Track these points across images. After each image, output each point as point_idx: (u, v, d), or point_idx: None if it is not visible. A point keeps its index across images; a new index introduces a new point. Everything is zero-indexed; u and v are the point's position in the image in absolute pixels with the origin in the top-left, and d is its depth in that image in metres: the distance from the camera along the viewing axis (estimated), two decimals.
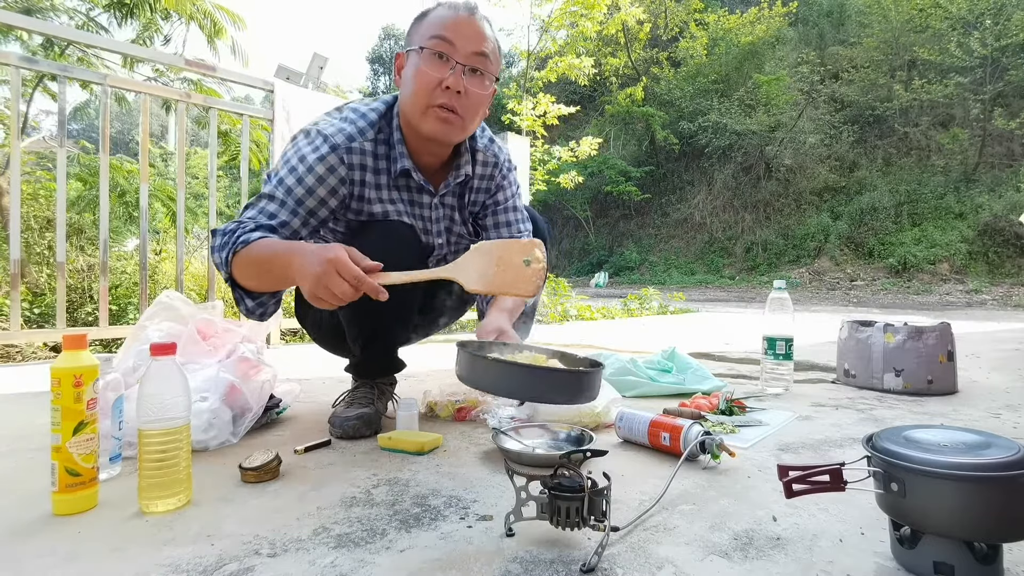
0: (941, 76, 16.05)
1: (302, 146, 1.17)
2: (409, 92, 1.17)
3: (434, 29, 1.14)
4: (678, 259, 18.64)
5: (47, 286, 3.62)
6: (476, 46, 1.15)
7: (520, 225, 1.45)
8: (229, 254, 1.07)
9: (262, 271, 1.06)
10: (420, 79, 1.14)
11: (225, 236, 1.09)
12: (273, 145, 2.86)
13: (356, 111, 1.23)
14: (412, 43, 1.18)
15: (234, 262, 1.07)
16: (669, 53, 21.91)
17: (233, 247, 1.06)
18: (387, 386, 1.45)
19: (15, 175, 2.24)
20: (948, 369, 1.83)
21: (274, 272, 1.04)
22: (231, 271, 1.09)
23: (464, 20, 1.15)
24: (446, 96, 1.14)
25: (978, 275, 12.81)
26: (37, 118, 11.30)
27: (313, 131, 1.19)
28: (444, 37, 1.13)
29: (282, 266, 1.01)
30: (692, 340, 3.41)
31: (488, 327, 1.27)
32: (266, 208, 1.14)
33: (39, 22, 3.46)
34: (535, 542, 0.77)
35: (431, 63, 1.14)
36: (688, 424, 1.13)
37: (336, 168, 1.17)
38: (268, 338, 2.87)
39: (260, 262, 1.05)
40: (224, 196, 8.84)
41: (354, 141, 1.18)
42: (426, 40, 1.14)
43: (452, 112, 1.16)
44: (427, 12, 1.18)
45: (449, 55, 1.14)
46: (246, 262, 1.06)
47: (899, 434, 0.73)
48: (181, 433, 0.88)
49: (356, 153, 1.18)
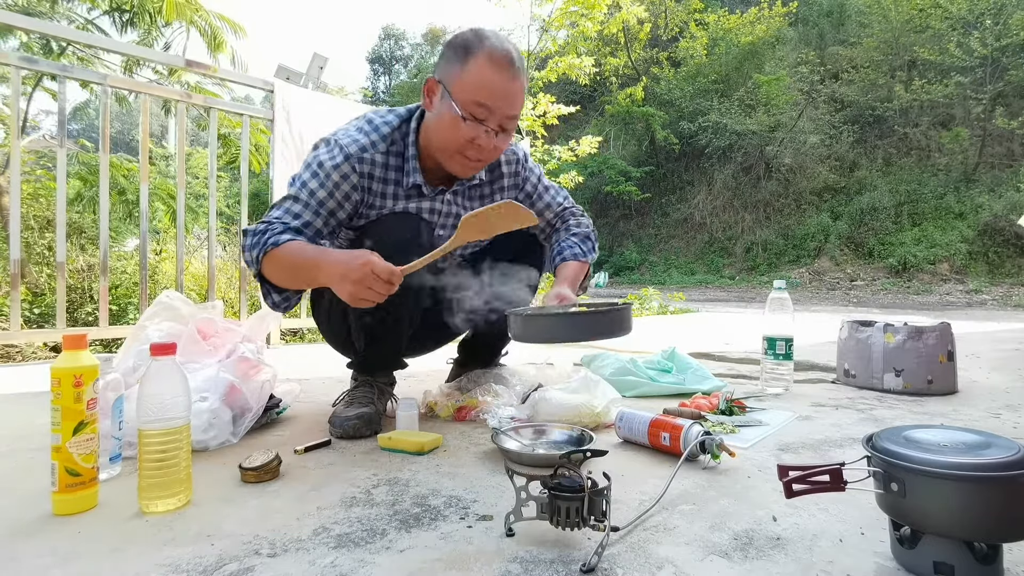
0: (941, 76, 16.04)
1: (321, 153, 1.25)
2: (439, 135, 1.23)
3: (475, 92, 1.16)
4: (678, 259, 18.64)
5: (47, 286, 3.62)
6: (512, 110, 1.20)
7: (559, 199, 1.52)
8: (260, 253, 1.16)
9: (291, 272, 1.18)
10: (453, 133, 1.19)
11: (256, 236, 1.18)
12: (273, 144, 2.86)
13: (371, 123, 1.29)
14: (449, 81, 1.18)
15: (264, 261, 1.17)
16: (669, 53, 21.91)
17: (263, 247, 1.16)
18: (387, 386, 1.45)
19: (15, 175, 2.24)
20: (948, 369, 1.83)
21: (302, 274, 1.17)
22: (260, 269, 1.20)
23: (506, 85, 1.17)
24: (475, 150, 1.21)
25: (978, 275, 12.81)
26: (37, 118, 11.31)
27: (331, 140, 1.27)
28: (484, 104, 1.17)
29: (310, 269, 1.13)
30: (692, 340, 3.41)
31: (551, 295, 1.35)
32: (291, 208, 1.22)
33: (39, 22, 3.46)
34: (535, 542, 0.77)
35: (468, 124, 1.18)
36: (688, 424, 1.13)
37: (349, 176, 1.23)
38: (268, 338, 2.87)
39: (289, 263, 1.16)
40: (224, 196, 8.83)
41: (366, 152, 1.25)
42: (466, 101, 1.16)
43: (478, 161, 1.25)
44: (470, 52, 1.16)
45: (485, 120, 1.18)
46: (275, 262, 1.17)
47: (899, 434, 0.73)
48: (181, 433, 0.88)
49: (367, 163, 1.25)
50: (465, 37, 1.19)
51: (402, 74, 39.60)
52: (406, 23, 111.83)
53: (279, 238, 1.16)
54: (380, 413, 1.36)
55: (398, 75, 39.88)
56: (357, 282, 1.04)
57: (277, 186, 2.82)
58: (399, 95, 32.69)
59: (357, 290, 1.04)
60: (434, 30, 37.66)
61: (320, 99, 3.06)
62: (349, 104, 3.49)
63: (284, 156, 2.85)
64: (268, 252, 1.15)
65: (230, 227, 6.03)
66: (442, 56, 1.22)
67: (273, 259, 1.16)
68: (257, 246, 1.17)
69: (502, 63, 1.16)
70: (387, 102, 30.88)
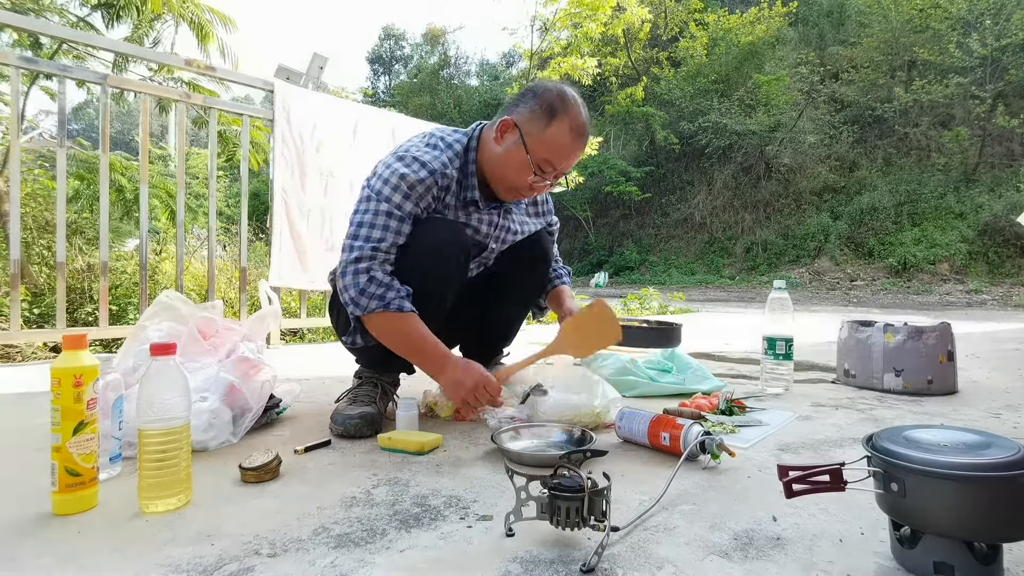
0: (941, 76, 16.03)
1: (399, 168, 1.29)
2: (503, 172, 1.33)
3: (550, 153, 1.28)
4: (678, 259, 18.64)
5: (47, 286, 3.62)
6: (570, 167, 1.33)
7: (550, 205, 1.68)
8: (379, 308, 1.23)
9: (401, 345, 1.28)
10: (518, 175, 1.31)
11: (381, 288, 1.23)
12: (273, 144, 2.85)
13: (444, 140, 1.37)
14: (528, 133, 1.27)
15: (378, 315, 1.24)
16: (669, 53, 21.90)
17: (387, 306, 1.22)
18: (390, 386, 1.46)
19: (15, 175, 2.24)
20: (948, 369, 1.83)
21: (411, 355, 1.30)
22: (365, 316, 1.25)
23: (576, 151, 1.30)
24: (530, 191, 1.35)
25: (978, 275, 12.81)
26: (36, 118, 11.29)
27: (407, 156, 1.31)
28: (552, 163, 1.29)
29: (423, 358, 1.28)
30: (692, 340, 3.41)
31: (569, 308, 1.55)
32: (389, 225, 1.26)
33: (35, 20, 3.46)
34: (535, 542, 0.77)
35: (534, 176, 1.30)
36: (688, 424, 1.13)
37: (432, 188, 1.30)
38: (268, 338, 2.87)
39: (405, 340, 1.27)
40: (224, 196, 8.81)
41: (447, 168, 1.32)
42: (540, 158, 1.28)
43: (527, 196, 1.38)
44: (555, 116, 1.26)
45: (549, 173, 1.31)
46: (390, 327, 1.26)
47: (899, 434, 0.73)
48: (181, 433, 0.88)
49: (447, 178, 1.32)
50: (552, 95, 1.27)
51: (402, 74, 39.57)
52: (406, 23, 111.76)
53: (403, 304, 1.23)
54: (382, 413, 1.36)
55: (398, 75, 39.86)
56: (469, 391, 1.23)
57: (277, 186, 2.82)
58: (399, 95, 32.67)
59: (466, 399, 1.24)
60: (434, 30, 37.64)
61: (320, 99, 3.06)
62: (349, 104, 3.49)
63: (284, 156, 2.85)
64: (389, 313, 1.23)
65: (230, 227, 6.02)
66: (524, 102, 1.30)
67: (388, 321, 1.24)
68: (379, 300, 1.22)
69: (579, 132, 1.28)
70: (387, 102, 30.87)
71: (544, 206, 1.63)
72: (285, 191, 2.84)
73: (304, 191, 2.91)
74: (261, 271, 4.27)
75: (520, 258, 1.53)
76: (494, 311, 1.59)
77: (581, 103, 1.30)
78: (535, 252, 1.55)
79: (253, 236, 6.23)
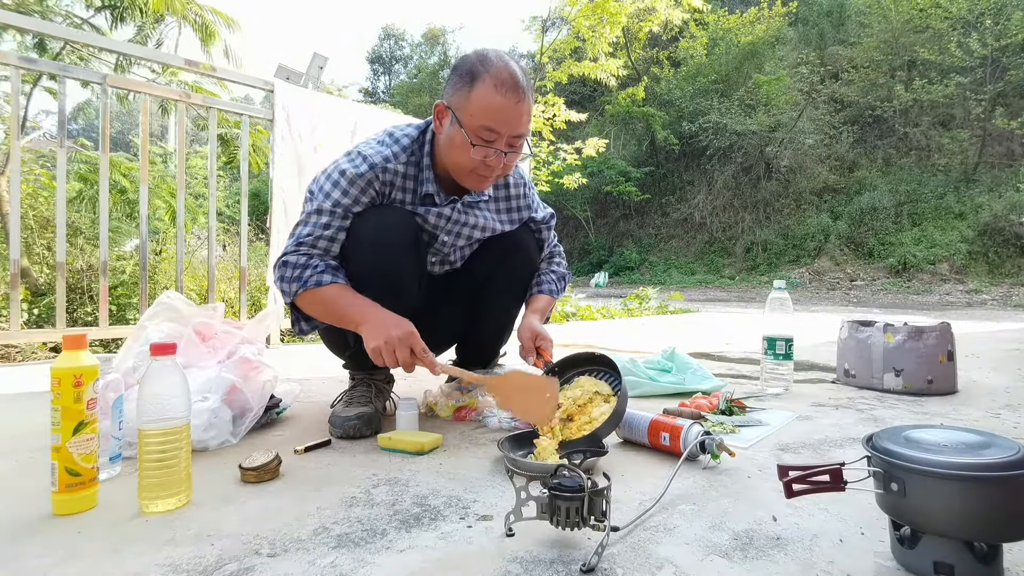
0: (941, 76, 16.03)
1: (343, 163, 1.29)
2: (451, 158, 1.27)
3: (482, 118, 1.19)
4: (678, 259, 18.64)
5: (47, 286, 3.62)
6: (518, 130, 1.22)
7: (544, 214, 1.61)
8: (299, 289, 1.22)
9: (329, 313, 1.24)
10: (464, 156, 1.23)
11: (296, 270, 1.22)
12: (273, 144, 2.85)
13: (392, 136, 1.34)
14: (457, 107, 1.21)
15: (303, 295, 1.23)
16: (669, 53, 21.89)
17: (304, 284, 1.22)
18: (384, 384, 1.46)
19: (15, 175, 2.24)
20: (948, 369, 1.83)
21: (340, 319, 1.23)
22: (295, 301, 1.26)
23: (512, 107, 1.19)
24: (486, 169, 1.25)
25: (978, 275, 12.81)
26: (37, 118, 11.29)
27: (354, 152, 1.31)
28: (492, 129, 1.19)
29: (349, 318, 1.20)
30: (692, 340, 3.41)
31: (524, 327, 1.42)
32: (319, 221, 1.26)
33: (37, 21, 3.46)
34: (535, 542, 0.77)
35: (478, 148, 1.21)
36: (688, 424, 1.13)
37: (372, 183, 1.28)
38: (268, 339, 2.87)
39: (331, 308, 1.23)
40: (224, 196, 8.80)
41: (389, 163, 1.29)
42: (475, 127, 1.19)
43: (489, 175, 1.28)
44: (476, 78, 1.18)
45: (494, 142, 1.21)
46: (316, 300, 1.23)
47: (899, 434, 0.73)
48: (181, 433, 0.88)
49: (390, 172, 1.29)
50: (470, 62, 1.21)
51: (402, 74, 39.58)
52: (406, 23, 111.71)
53: (322, 278, 1.22)
54: (379, 412, 1.36)
55: (398, 75, 39.86)
56: (390, 342, 1.11)
57: (277, 186, 2.82)
58: (399, 95, 32.66)
59: (385, 349, 1.11)
60: (433, 30, 37.66)
61: (320, 99, 3.06)
62: (349, 104, 3.49)
63: (284, 156, 2.85)
64: (309, 289, 1.21)
65: (230, 227, 6.02)
66: (449, 81, 1.25)
67: (313, 297, 1.22)
68: (297, 281, 1.22)
69: (507, 87, 1.18)
70: (387, 102, 30.86)
71: (518, 201, 1.52)
72: (285, 191, 2.84)
73: (304, 191, 2.91)
74: (261, 271, 4.27)
75: (491, 253, 1.49)
76: (477, 312, 1.55)
77: (508, 59, 1.21)
78: (506, 244, 1.49)
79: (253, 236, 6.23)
